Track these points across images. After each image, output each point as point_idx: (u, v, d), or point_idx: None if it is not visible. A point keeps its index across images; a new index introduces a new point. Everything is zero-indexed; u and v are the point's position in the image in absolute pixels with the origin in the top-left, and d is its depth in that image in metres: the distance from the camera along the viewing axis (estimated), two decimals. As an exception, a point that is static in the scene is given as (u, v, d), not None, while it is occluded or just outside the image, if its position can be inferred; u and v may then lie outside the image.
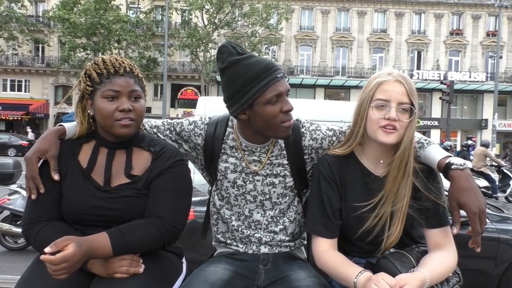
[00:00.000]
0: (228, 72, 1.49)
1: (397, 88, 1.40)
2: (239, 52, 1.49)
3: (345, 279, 1.36)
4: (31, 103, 32.17)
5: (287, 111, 1.49)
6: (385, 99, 1.41)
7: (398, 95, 1.40)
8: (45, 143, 1.45)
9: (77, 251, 1.21)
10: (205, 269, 1.54)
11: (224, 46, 1.51)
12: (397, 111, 1.40)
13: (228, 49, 1.49)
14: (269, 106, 1.47)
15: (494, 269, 3.90)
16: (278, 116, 1.48)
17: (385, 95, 1.41)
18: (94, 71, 1.44)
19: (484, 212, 1.29)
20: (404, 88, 1.40)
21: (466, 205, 1.29)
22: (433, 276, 1.32)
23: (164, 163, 1.49)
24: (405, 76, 1.44)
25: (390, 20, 34.62)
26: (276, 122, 1.49)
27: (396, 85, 1.41)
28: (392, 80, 1.42)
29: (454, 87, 19.88)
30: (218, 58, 1.53)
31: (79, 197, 1.42)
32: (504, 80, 32.89)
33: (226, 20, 26.99)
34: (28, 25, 27.58)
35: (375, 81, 1.45)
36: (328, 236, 1.48)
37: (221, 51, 1.51)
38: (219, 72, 1.55)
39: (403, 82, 1.41)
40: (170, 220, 1.43)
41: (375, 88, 1.44)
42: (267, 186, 1.64)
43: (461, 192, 1.31)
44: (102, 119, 1.44)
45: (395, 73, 1.44)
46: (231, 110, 1.54)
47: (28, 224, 1.42)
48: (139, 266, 1.37)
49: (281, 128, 1.50)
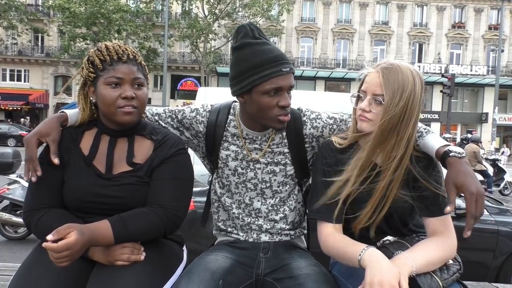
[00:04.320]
0: (238, 53, 1.49)
1: (374, 79, 1.41)
2: (255, 36, 1.49)
3: (350, 258, 1.34)
4: (30, 93, 32.10)
5: (283, 107, 1.49)
6: (363, 90, 1.45)
7: (373, 86, 1.41)
8: (46, 127, 1.44)
9: (79, 239, 1.21)
10: (206, 257, 1.55)
11: (242, 26, 1.51)
12: (371, 102, 1.41)
13: (246, 30, 1.49)
14: (266, 97, 1.47)
15: (493, 261, 3.92)
16: (274, 109, 1.48)
17: (364, 87, 1.45)
18: (97, 58, 1.43)
19: (482, 195, 1.26)
20: (379, 79, 1.40)
21: (463, 186, 1.27)
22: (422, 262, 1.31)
23: (166, 152, 1.49)
24: (390, 68, 1.41)
25: (392, 12, 34.43)
26: (271, 114, 1.49)
27: (374, 76, 1.42)
28: (374, 71, 1.43)
29: (455, 81, 19.83)
30: (234, 36, 1.54)
31: (80, 185, 1.42)
32: (505, 74, 32.82)
33: (227, 11, 26.82)
34: (28, 14, 27.34)
35: (363, 73, 1.48)
36: (333, 221, 1.47)
37: (239, 30, 1.51)
38: (230, 50, 1.56)
39: (381, 73, 1.40)
40: (172, 208, 1.43)
41: (362, 80, 1.48)
42: (268, 174, 1.64)
43: (459, 174, 1.29)
44: (104, 106, 1.43)
45: (382, 65, 1.43)
46: (231, 90, 1.55)
47: (28, 211, 1.42)
48: (140, 254, 1.37)
49: (275, 120, 1.50)
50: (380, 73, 1.40)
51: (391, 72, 1.39)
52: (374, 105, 1.41)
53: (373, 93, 1.41)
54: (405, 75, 1.39)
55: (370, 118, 1.41)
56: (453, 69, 30.94)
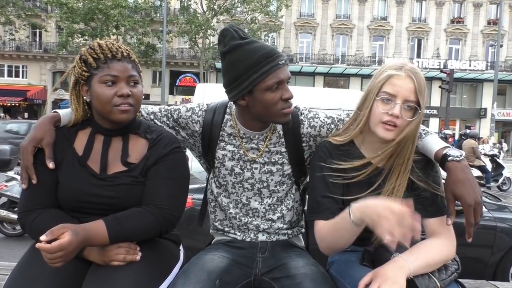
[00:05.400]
0: (230, 57, 1.46)
1: (407, 84, 1.36)
2: (241, 37, 1.47)
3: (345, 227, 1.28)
4: (28, 89, 31.97)
5: (287, 99, 1.47)
6: (392, 94, 1.37)
7: (406, 92, 1.35)
8: (39, 131, 1.43)
9: (73, 239, 1.20)
10: (203, 257, 1.54)
11: (226, 30, 1.49)
12: (402, 108, 1.36)
13: (231, 32, 1.47)
14: (269, 93, 1.45)
15: (491, 257, 3.93)
16: (278, 103, 1.46)
17: (392, 90, 1.37)
18: (90, 56, 1.41)
19: (480, 204, 1.27)
20: (414, 85, 1.35)
21: (461, 197, 1.28)
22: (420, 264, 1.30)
23: (161, 151, 1.47)
24: (417, 72, 1.38)
25: (390, 7, 34.32)
26: (276, 109, 1.47)
27: (406, 81, 1.36)
28: (404, 75, 1.37)
29: (454, 76, 19.81)
30: (220, 41, 1.51)
31: (75, 185, 1.41)
32: (504, 69, 32.79)
33: (226, 6, 26.68)
34: (25, 10, 27.19)
35: (386, 73, 1.40)
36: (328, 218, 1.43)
37: (224, 34, 1.49)
38: (220, 56, 1.52)
39: (414, 79, 1.36)
40: (167, 208, 1.42)
41: (384, 80, 1.39)
42: (265, 174, 1.63)
43: (457, 183, 1.29)
44: (100, 104, 1.41)
45: (408, 67, 1.38)
46: (230, 95, 1.52)
47: (23, 212, 1.41)
48: (136, 254, 1.36)
49: (281, 114, 1.48)
50: (414, 79, 1.36)
51: (421, 77, 1.37)
52: (403, 111, 1.36)
53: (405, 99, 1.36)
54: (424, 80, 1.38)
55: (399, 124, 1.37)
56: (452, 65, 30.86)
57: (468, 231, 1.29)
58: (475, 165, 11.32)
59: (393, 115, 1.36)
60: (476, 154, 11.44)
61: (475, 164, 11.32)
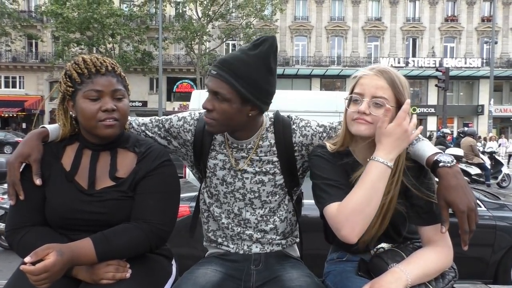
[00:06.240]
0: None
1: (373, 81, 1.37)
2: None
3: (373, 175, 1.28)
4: (26, 100, 31.98)
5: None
6: (360, 93, 1.39)
7: (372, 88, 1.36)
8: (27, 147, 1.41)
9: (58, 260, 1.17)
10: (195, 271, 1.51)
11: None
12: (370, 105, 1.36)
13: None
14: None
15: (492, 256, 3.91)
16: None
17: (360, 89, 1.39)
18: (75, 71, 1.39)
19: (473, 210, 1.24)
20: (382, 82, 1.36)
21: (453, 204, 1.25)
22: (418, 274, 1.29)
23: (150, 164, 1.45)
24: (388, 71, 1.38)
25: (384, 8, 34.43)
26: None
27: (373, 79, 1.37)
28: (371, 74, 1.39)
29: (449, 74, 19.87)
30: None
31: (62, 201, 1.38)
32: (499, 66, 32.86)
33: (221, 12, 26.76)
34: (21, 21, 27.25)
35: (356, 75, 1.43)
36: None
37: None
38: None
39: (382, 76, 1.36)
40: (157, 223, 1.39)
41: (354, 82, 1.43)
42: (256, 184, 1.60)
43: (449, 190, 1.26)
44: (85, 120, 1.39)
45: (379, 68, 1.40)
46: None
47: (10, 230, 1.38)
48: (125, 272, 1.33)
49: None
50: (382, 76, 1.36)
51: (391, 75, 1.37)
52: (372, 107, 1.36)
53: (373, 95, 1.36)
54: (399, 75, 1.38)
55: (371, 121, 1.36)
56: (448, 63, 30.93)
57: (463, 238, 1.25)
58: (474, 162, 11.32)
59: (359, 111, 1.37)
60: (475, 151, 11.44)
61: (474, 162, 11.32)
